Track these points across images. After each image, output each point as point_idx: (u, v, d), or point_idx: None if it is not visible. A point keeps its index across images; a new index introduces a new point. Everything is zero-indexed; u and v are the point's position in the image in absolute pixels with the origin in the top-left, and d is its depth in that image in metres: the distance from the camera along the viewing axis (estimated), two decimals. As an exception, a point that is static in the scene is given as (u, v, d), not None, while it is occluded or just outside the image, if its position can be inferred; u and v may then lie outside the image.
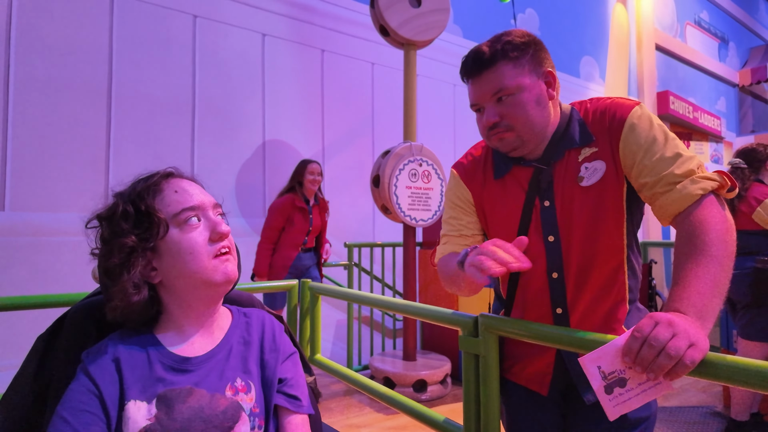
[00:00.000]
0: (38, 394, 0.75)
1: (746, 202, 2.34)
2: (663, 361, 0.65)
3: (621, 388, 0.71)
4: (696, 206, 0.82)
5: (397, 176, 3.11)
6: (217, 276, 0.74)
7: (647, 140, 0.88)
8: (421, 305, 1.37)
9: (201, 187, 0.80)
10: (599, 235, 0.93)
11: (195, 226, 0.74)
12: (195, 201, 0.75)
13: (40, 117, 2.88)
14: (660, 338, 0.66)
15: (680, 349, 0.65)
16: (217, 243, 0.75)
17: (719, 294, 0.74)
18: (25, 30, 2.85)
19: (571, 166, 0.95)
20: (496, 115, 0.92)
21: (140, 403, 0.68)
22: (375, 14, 3.19)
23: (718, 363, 0.70)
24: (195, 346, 0.76)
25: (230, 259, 0.76)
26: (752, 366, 0.68)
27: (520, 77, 0.91)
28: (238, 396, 0.74)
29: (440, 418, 1.30)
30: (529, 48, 0.93)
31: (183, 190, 0.76)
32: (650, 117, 0.90)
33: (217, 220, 0.77)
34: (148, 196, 0.74)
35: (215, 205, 0.79)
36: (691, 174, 0.84)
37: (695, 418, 2.66)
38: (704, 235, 0.78)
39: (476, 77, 0.94)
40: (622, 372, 0.71)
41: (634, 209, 0.95)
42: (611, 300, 0.95)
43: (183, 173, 0.81)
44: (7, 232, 2.75)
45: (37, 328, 0.79)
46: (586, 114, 0.97)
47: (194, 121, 3.46)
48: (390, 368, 3.04)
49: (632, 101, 0.94)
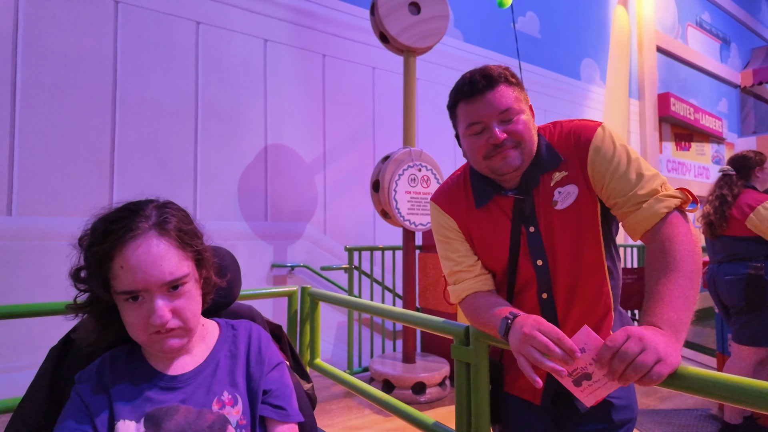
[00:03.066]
0: (51, 405, 0.79)
1: (738, 208, 2.36)
2: (630, 374, 0.71)
3: (588, 381, 0.77)
4: (662, 223, 0.88)
5: (397, 181, 3.15)
6: (155, 349, 0.75)
7: (612, 162, 0.93)
8: (417, 314, 1.42)
9: (164, 246, 0.72)
10: (582, 254, 0.98)
11: (133, 307, 0.71)
12: (136, 285, 0.70)
13: (46, 122, 2.94)
14: (629, 352, 0.71)
15: (647, 365, 0.70)
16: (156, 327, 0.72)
17: (690, 307, 0.79)
18: (32, 37, 2.91)
19: (546, 192, 0.99)
20: (503, 133, 0.94)
21: (129, 423, 0.72)
22: (375, 22, 3.23)
23: (688, 376, 0.74)
24: (182, 364, 0.79)
25: (174, 335, 0.74)
26: (720, 379, 0.73)
27: (520, 101, 0.96)
28: (224, 410, 0.77)
29: (430, 421, 1.35)
30: (519, 80, 0.98)
31: (129, 269, 0.70)
32: (613, 138, 0.95)
33: (155, 308, 0.71)
34: (95, 262, 0.71)
35: (166, 284, 0.72)
36: (655, 193, 0.90)
37: (690, 421, 2.70)
38: (673, 251, 0.83)
39: (480, 96, 0.94)
40: (584, 369, 0.77)
41: (610, 221, 1.01)
42: (599, 312, 1.00)
43: (148, 223, 0.73)
44: (14, 236, 2.81)
45: (46, 331, 0.84)
46: (551, 137, 1.01)
47: (197, 126, 3.51)
48: (390, 370, 3.09)
49: (595, 122, 0.98)
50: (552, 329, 0.80)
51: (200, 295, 0.79)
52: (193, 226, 0.80)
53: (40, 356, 0.82)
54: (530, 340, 0.80)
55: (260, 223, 3.76)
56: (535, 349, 0.79)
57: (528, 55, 5.75)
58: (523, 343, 0.81)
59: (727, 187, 2.43)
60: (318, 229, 4.06)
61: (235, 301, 0.97)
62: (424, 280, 3.67)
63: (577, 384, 0.77)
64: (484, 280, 1.05)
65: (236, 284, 0.95)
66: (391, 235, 4.38)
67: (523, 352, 0.81)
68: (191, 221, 0.80)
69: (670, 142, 7.95)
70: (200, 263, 0.79)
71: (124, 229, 0.71)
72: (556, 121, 1.04)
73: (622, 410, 1.01)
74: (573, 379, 0.77)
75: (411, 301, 3.26)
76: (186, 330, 0.75)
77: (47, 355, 0.83)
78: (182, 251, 0.75)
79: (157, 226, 0.73)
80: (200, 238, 0.80)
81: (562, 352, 0.77)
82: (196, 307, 0.77)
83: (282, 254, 3.86)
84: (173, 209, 0.78)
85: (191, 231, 0.78)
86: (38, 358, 0.83)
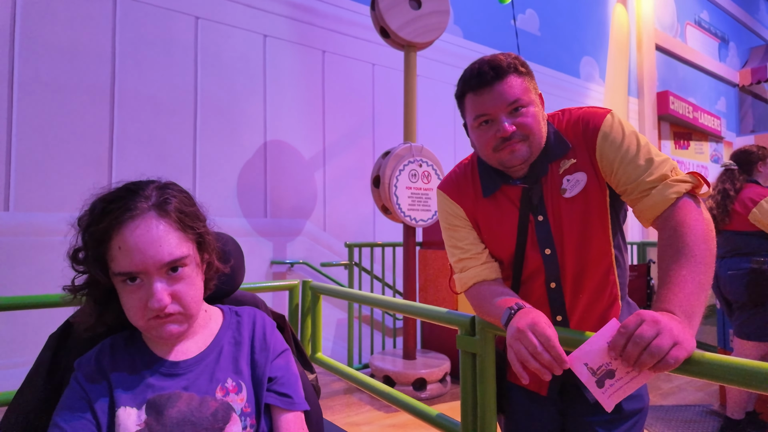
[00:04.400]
0: (50, 392, 0.77)
1: (741, 203, 2.35)
2: (646, 359, 0.69)
3: (611, 380, 0.74)
4: (673, 208, 0.86)
5: (398, 177, 3.13)
6: (153, 334, 0.72)
7: (621, 149, 0.91)
8: (421, 305, 1.40)
9: (164, 227, 0.70)
10: (589, 242, 0.96)
11: (131, 289, 0.69)
12: (133, 267, 0.68)
13: (44, 118, 2.91)
14: (645, 336, 0.69)
15: (663, 348, 0.68)
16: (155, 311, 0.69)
17: (704, 293, 0.77)
18: (29, 32, 2.88)
19: (554, 180, 0.97)
20: (512, 125, 0.92)
21: (130, 410, 0.70)
22: (375, 16, 3.21)
23: (704, 361, 0.73)
24: (184, 350, 0.77)
25: (173, 320, 0.71)
26: (737, 364, 0.71)
27: (529, 92, 0.93)
28: (228, 397, 0.75)
29: (434, 413, 1.33)
30: (529, 68, 0.96)
31: (126, 250, 0.68)
32: (622, 125, 0.93)
33: (154, 291, 0.68)
34: (93, 242, 0.69)
35: (165, 265, 0.69)
36: (665, 178, 0.88)
37: (691, 417, 2.69)
38: (685, 236, 0.81)
39: (488, 87, 0.92)
40: (608, 365, 0.74)
41: (618, 209, 0.99)
42: (605, 301, 0.99)
43: (149, 203, 0.70)
44: (12, 232, 2.79)
45: (44, 326, 0.81)
46: (560, 124, 1.00)
47: (196, 122, 3.49)
48: (390, 367, 3.08)
49: (604, 110, 0.97)
50: (545, 331, 0.78)
51: (202, 280, 0.77)
52: (195, 208, 0.77)
53: (36, 353, 0.80)
54: (522, 338, 0.79)
55: (259, 219, 3.74)
56: (524, 348, 0.78)
57: (527, 52, 5.74)
58: (514, 339, 0.81)
59: (729, 182, 2.41)
60: (317, 225, 4.04)
61: (238, 288, 0.95)
62: (425, 277, 3.65)
63: (600, 385, 0.74)
64: (490, 268, 1.03)
65: (240, 271, 0.94)
66: (390, 232, 4.37)
67: (514, 347, 0.81)
68: (193, 203, 0.78)
69: (668, 141, 7.95)
70: (202, 246, 0.77)
71: (123, 209, 0.68)
72: (565, 109, 1.02)
73: (632, 399, 0.99)
74: (596, 379, 0.75)
75: (411, 297, 3.25)
76: (186, 316, 0.72)
77: (46, 342, 0.81)
78: (182, 233, 0.72)
79: (157, 207, 0.71)
80: (202, 221, 0.78)
81: (549, 357, 0.76)
82: (196, 292, 0.74)
83: (281, 251, 3.84)
84: (174, 190, 0.75)
85: (192, 213, 0.75)
86: (34, 355, 0.81)
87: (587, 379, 0.75)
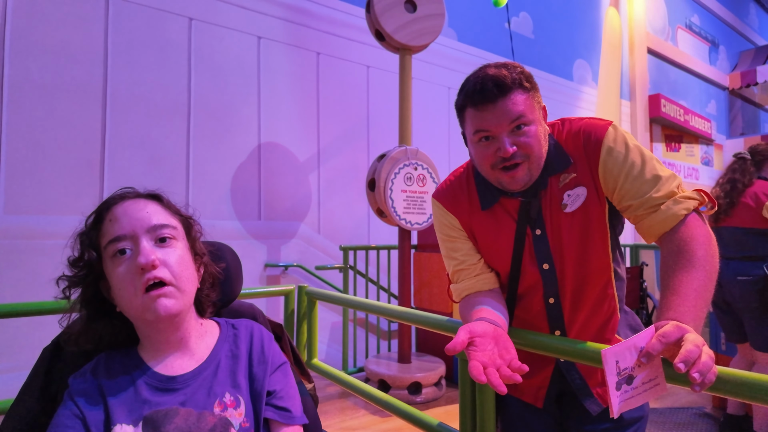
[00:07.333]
0: (44, 408, 0.75)
1: (752, 196, 2.25)
2: (695, 376, 0.65)
3: (628, 386, 0.74)
4: (681, 225, 0.86)
5: (393, 180, 3.13)
6: (148, 315, 0.70)
7: (626, 164, 0.90)
8: (418, 312, 1.39)
9: (153, 205, 0.75)
10: (589, 258, 0.96)
11: (122, 260, 0.70)
12: (122, 230, 0.70)
13: (35, 119, 2.87)
14: (692, 357, 0.66)
15: (709, 366, 0.66)
16: (145, 274, 0.69)
17: (707, 305, 0.78)
18: (20, 32, 2.84)
19: (554, 194, 0.96)
20: (513, 145, 0.88)
21: (126, 427, 0.68)
22: (370, 19, 3.20)
23: (731, 379, 0.73)
24: (180, 365, 0.76)
25: (166, 293, 0.70)
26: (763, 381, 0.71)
27: (533, 109, 0.90)
28: (226, 412, 0.73)
29: (434, 422, 1.32)
30: (534, 83, 0.92)
31: (115, 219, 0.71)
32: (625, 138, 0.92)
33: (141, 248, 0.69)
34: (89, 226, 0.74)
35: (152, 228, 0.72)
36: (672, 195, 0.87)
37: (685, 419, 2.71)
38: (694, 250, 0.82)
39: (492, 105, 0.88)
40: (632, 369, 0.74)
41: (615, 224, 0.98)
42: (604, 314, 0.99)
43: (139, 192, 0.77)
44: (2, 235, 2.74)
45: (36, 332, 0.81)
46: (560, 135, 0.98)
47: (190, 124, 3.46)
48: (385, 370, 3.07)
49: (605, 122, 0.95)
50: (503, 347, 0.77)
51: (192, 264, 0.77)
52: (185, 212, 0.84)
53: (26, 359, 0.79)
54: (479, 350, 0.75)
55: (253, 222, 3.71)
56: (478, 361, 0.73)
57: (521, 55, 5.76)
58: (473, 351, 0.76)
59: (740, 172, 2.32)
60: (312, 228, 4.02)
61: (236, 297, 0.94)
62: (419, 280, 3.65)
63: (617, 387, 0.73)
64: (484, 280, 1.02)
65: (237, 280, 0.93)
66: (385, 235, 4.36)
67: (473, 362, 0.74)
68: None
69: (660, 143, 8.01)
70: (189, 231, 0.80)
71: (115, 196, 0.76)
72: (564, 119, 1.01)
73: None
74: (617, 380, 0.73)
75: (406, 300, 3.24)
76: (178, 289, 0.72)
77: (40, 355, 0.79)
78: (170, 213, 0.78)
79: (147, 194, 0.78)
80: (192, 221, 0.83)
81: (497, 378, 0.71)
82: (187, 267, 0.75)
83: (275, 254, 3.82)
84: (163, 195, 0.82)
85: (182, 210, 0.83)
86: (24, 361, 0.79)
87: (613, 377, 0.74)
